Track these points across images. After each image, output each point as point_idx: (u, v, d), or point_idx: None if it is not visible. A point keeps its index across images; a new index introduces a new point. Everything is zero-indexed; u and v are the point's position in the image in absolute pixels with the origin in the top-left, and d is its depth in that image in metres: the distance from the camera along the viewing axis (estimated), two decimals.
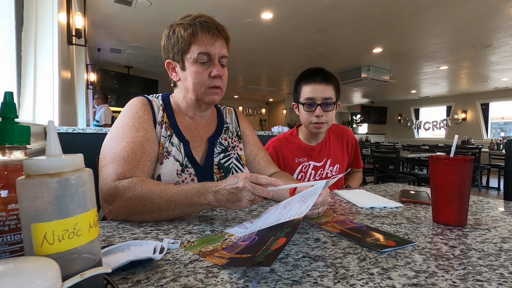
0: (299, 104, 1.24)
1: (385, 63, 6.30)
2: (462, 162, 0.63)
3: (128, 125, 0.76)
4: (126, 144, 0.73)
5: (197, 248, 0.50)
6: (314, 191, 0.57)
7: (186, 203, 0.63)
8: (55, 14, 1.90)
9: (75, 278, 0.25)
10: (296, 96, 1.26)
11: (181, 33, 0.80)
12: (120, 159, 0.71)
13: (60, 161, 0.30)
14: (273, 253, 0.40)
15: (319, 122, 1.19)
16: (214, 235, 0.58)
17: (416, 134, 11.41)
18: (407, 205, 0.83)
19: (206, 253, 0.49)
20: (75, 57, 3.47)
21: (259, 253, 0.42)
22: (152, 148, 0.77)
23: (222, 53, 0.82)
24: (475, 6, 3.49)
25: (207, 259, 0.46)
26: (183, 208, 0.64)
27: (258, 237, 0.51)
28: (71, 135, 1.90)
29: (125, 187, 0.65)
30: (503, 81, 7.57)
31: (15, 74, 1.39)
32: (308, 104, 1.19)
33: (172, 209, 0.64)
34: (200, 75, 0.80)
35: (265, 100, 12.82)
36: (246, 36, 4.69)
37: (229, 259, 0.45)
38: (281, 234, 0.46)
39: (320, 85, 1.17)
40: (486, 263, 0.46)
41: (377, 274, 0.41)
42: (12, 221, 0.35)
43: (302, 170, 1.25)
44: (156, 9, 3.75)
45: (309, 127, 1.23)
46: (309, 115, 1.20)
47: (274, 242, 0.44)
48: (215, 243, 0.53)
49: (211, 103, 0.85)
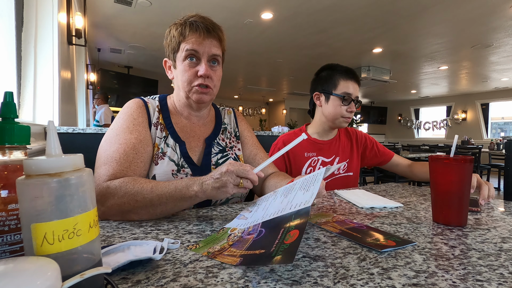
0: (330, 96, 1.24)
1: (385, 63, 6.30)
2: (462, 162, 0.63)
3: (122, 128, 0.78)
4: (118, 146, 0.74)
5: (204, 250, 0.49)
6: (314, 178, 0.56)
7: (176, 197, 0.65)
8: (55, 14, 1.89)
9: (75, 278, 0.25)
10: (328, 88, 1.25)
11: (173, 32, 0.82)
12: (112, 160, 0.72)
13: (60, 161, 0.30)
14: (290, 248, 0.39)
15: (349, 117, 1.23)
16: (217, 234, 0.57)
17: (416, 134, 11.41)
18: (407, 205, 0.83)
19: (215, 253, 0.48)
20: (75, 57, 3.47)
21: (274, 248, 0.41)
22: (145, 149, 0.78)
23: (212, 52, 0.82)
24: (475, 6, 3.49)
25: (218, 259, 0.45)
26: (174, 202, 0.65)
27: (265, 229, 0.50)
28: (71, 135, 1.90)
29: (116, 187, 0.66)
30: (503, 81, 7.57)
31: (15, 74, 1.39)
32: (345, 99, 1.21)
33: (164, 204, 0.65)
34: (186, 73, 0.81)
35: (265, 100, 12.82)
36: (246, 36, 4.69)
37: (242, 257, 0.44)
38: (292, 226, 0.44)
39: (356, 84, 1.24)
40: (486, 263, 0.46)
41: (377, 274, 0.41)
42: (12, 221, 0.35)
43: (311, 164, 1.27)
44: (156, 9, 3.75)
45: (337, 121, 1.24)
46: (343, 109, 1.22)
47: (286, 234, 0.43)
48: (220, 242, 0.52)
49: (199, 102, 0.84)
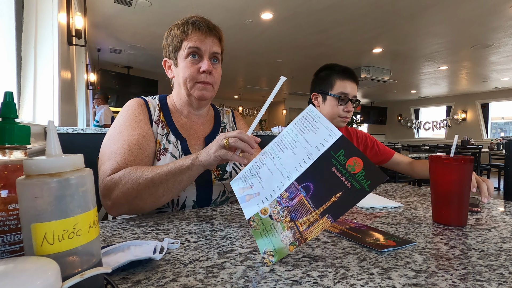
0: (329, 97, 1.24)
1: (385, 63, 6.30)
2: (462, 162, 0.63)
3: (124, 125, 0.79)
4: (122, 143, 0.75)
5: (282, 250, 0.43)
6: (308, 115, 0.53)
7: (175, 171, 0.66)
8: (55, 15, 1.89)
9: (75, 278, 0.25)
10: (325, 88, 1.25)
11: (175, 32, 0.85)
12: (116, 156, 0.73)
13: (60, 161, 0.30)
14: (369, 171, 0.42)
15: (347, 117, 1.24)
16: (256, 229, 0.48)
17: (416, 134, 11.40)
18: (407, 205, 0.83)
19: (298, 238, 0.43)
20: (75, 58, 3.47)
21: (349, 184, 0.42)
22: (148, 145, 0.79)
23: (213, 50, 0.85)
24: (475, 6, 3.49)
25: (311, 237, 0.42)
26: (174, 177, 0.67)
27: (309, 182, 0.46)
28: (71, 135, 1.89)
29: (120, 176, 0.68)
30: (503, 81, 7.57)
31: (15, 74, 1.39)
32: (342, 99, 1.22)
33: (165, 181, 0.67)
34: (189, 69, 0.83)
35: (265, 100, 12.79)
36: (246, 36, 4.69)
37: (330, 216, 0.41)
38: (344, 159, 0.44)
39: (353, 83, 1.25)
40: (486, 263, 0.46)
41: (377, 274, 0.41)
42: (12, 221, 0.35)
43: None
44: (156, 9, 3.75)
45: (334, 121, 1.24)
46: (340, 109, 1.23)
47: (346, 167, 0.43)
48: (275, 230, 0.45)
49: (201, 98, 0.86)
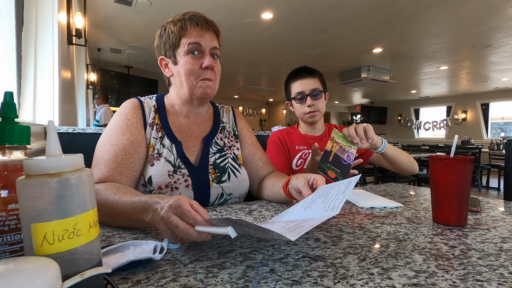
0: (292, 101, 1.36)
1: (385, 63, 6.30)
2: (462, 162, 0.63)
3: (115, 129, 0.78)
4: (109, 148, 0.75)
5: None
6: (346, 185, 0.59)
7: (133, 219, 0.57)
8: (55, 14, 1.89)
9: (75, 278, 0.25)
10: (288, 95, 1.39)
11: (171, 29, 0.82)
12: (101, 162, 0.73)
13: (60, 161, 0.30)
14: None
15: (312, 111, 1.29)
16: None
17: (416, 134, 11.40)
18: (407, 205, 0.83)
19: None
20: (75, 57, 3.47)
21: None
22: (136, 150, 0.77)
23: (213, 44, 0.83)
24: (475, 6, 3.49)
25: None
26: (134, 223, 0.59)
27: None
28: (71, 135, 1.89)
29: (97, 189, 0.65)
30: (503, 81, 7.57)
31: (15, 74, 1.39)
32: (299, 98, 1.31)
33: (126, 223, 0.60)
34: (191, 66, 0.81)
35: (265, 100, 12.82)
36: (246, 36, 4.69)
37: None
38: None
39: (306, 79, 1.30)
40: (486, 263, 0.46)
41: (377, 274, 0.41)
42: (12, 221, 0.35)
43: (301, 156, 1.33)
44: (156, 9, 3.75)
45: (304, 118, 1.33)
46: (302, 107, 1.31)
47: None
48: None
49: (204, 96, 0.84)
